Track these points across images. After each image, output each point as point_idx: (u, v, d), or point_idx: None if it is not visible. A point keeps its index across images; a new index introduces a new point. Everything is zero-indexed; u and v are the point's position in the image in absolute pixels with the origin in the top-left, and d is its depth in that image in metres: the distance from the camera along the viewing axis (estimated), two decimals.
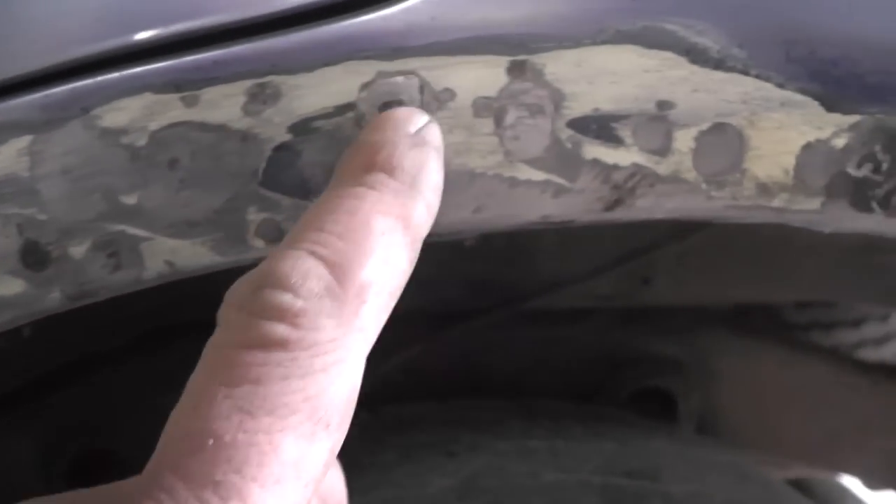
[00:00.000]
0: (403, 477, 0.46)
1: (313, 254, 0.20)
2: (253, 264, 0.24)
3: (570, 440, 0.51)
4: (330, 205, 0.22)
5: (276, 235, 0.25)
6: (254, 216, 0.25)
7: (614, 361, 0.68)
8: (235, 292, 0.20)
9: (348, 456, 0.49)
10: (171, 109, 0.24)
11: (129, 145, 0.24)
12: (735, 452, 0.61)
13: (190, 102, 0.24)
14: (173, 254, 0.25)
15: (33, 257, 0.24)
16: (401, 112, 0.24)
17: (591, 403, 0.63)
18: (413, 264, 0.22)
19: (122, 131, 0.24)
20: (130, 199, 0.24)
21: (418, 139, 0.23)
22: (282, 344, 0.19)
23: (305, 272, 0.20)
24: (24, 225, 0.24)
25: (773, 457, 0.71)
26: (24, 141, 0.24)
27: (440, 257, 0.61)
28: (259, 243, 0.25)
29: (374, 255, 0.21)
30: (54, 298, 0.25)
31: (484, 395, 0.61)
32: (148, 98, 0.24)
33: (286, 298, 0.19)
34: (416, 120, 0.24)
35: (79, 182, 0.24)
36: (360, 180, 0.22)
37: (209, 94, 0.24)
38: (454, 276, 0.64)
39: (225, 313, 0.20)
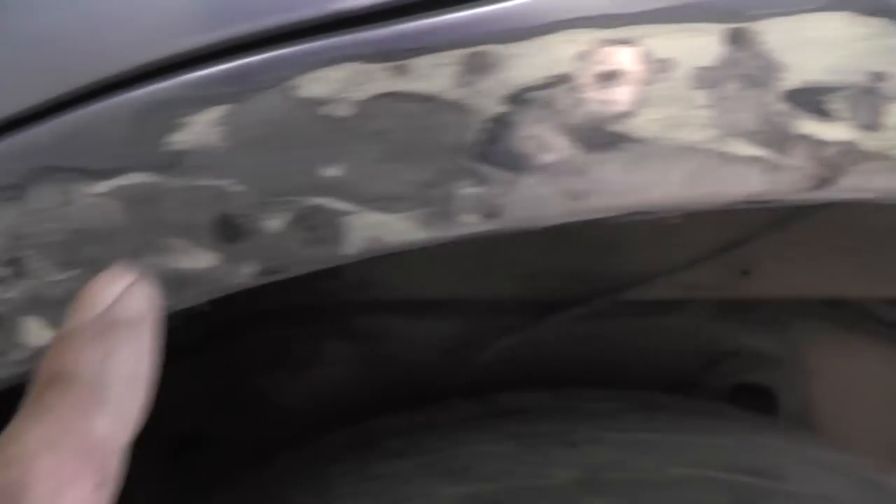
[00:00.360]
0: (527, 467, 0.45)
1: None
2: (456, 241, 0.23)
3: (689, 434, 0.50)
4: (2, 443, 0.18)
5: (485, 211, 0.24)
6: (463, 190, 0.24)
7: (712, 355, 0.66)
8: None
9: (466, 444, 0.48)
10: (378, 80, 0.23)
11: (329, 116, 0.23)
12: (846, 453, 0.59)
13: (398, 72, 0.23)
14: (377, 228, 0.24)
15: (227, 230, 0.24)
16: (92, 286, 0.21)
17: (698, 398, 0.61)
18: (108, 484, 0.19)
19: (322, 101, 0.23)
20: (331, 171, 0.23)
21: (105, 323, 0.20)
22: None
23: None
24: (218, 197, 0.23)
25: (872, 459, 0.69)
26: (220, 111, 0.23)
27: (540, 246, 0.61)
28: (467, 219, 0.24)
29: None
30: (247, 273, 0.24)
31: (581, 386, 0.60)
32: (352, 68, 0.23)
33: None
34: (106, 293, 0.20)
35: (276, 153, 0.23)
36: (37, 401, 0.19)
37: (419, 63, 0.23)
38: (554, 265, 0.63)
39: None
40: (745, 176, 0.25)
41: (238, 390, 0.60)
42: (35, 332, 0.25)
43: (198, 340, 0.59)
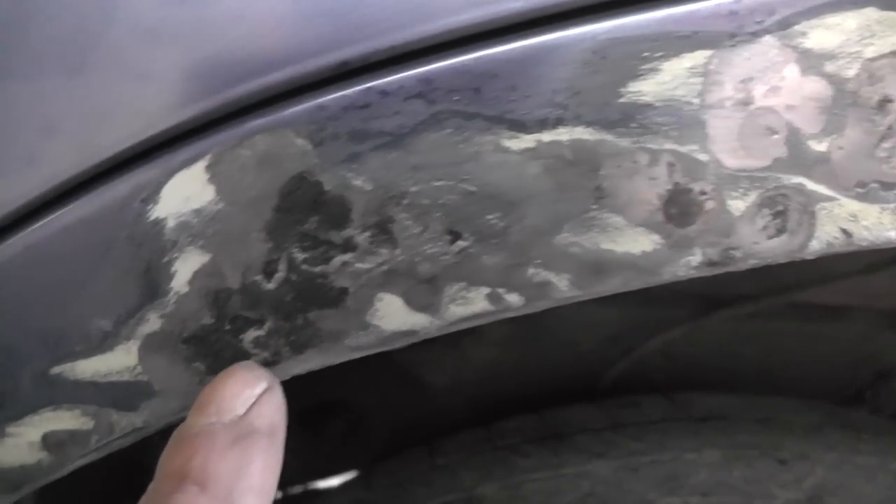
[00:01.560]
0: (741, 482, 0.41)
1: None
2: None
3: None
4: None
5: None
6: None
7: (879, 368, 0.62)
8: None
9: (667, 449, 0.44)
10: None
11: (835, 75, 0.18)
12: None
13: None
14: (852, 220, 0.19)
15: (678, 208, 0.19)
16: (230, 384, 0.20)
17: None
18: None
19: (829, 56, 0.18)
20: (820, 146, 0.19)
21: (242, 429, 0.19)
22: None
23: None
24: (676, 165, 0.19)
25: None
26: (702, 57, 0.18)
27: None
28: None
29: None
30: (685, 264, 0.19)
31: (736, 388, 0.55)
32: (870, 15, 0.18)
33: None
34: (245, 395, 0.20)
35: (763, 116, 0.18)
36: (169, 499, 0.19)
37: None
38: None
39: None
40: None
41: (380, 362, 0.56)
42: (393, 314, 0.21)
43: None
